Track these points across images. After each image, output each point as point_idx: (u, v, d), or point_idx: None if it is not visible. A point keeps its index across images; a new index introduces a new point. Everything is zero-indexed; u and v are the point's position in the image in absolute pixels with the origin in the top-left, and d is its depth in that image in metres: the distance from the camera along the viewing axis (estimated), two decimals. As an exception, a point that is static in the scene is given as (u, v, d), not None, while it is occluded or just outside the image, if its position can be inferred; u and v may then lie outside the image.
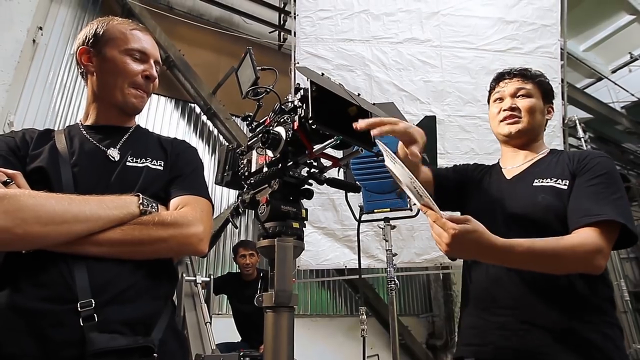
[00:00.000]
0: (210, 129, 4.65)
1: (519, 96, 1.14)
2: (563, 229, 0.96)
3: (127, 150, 0.95)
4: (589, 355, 0.86)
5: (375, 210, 2.24)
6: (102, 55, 0.95)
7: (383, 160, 2.49)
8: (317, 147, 1.00)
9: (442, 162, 4.04)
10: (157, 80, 1.02)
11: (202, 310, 1.74)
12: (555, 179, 1.02)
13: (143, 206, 0.81)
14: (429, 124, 2.54)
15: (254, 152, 1.15)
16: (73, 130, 0.97)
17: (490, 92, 1.23)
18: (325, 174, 1.09)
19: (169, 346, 0.79)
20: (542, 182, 1.04)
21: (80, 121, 1.01)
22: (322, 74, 1.03)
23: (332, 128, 0.98)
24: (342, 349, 4.39)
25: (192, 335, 1.69)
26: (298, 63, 3.88)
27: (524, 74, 1.16)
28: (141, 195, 0.83)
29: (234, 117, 4.54)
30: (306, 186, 1.10)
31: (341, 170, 2.69)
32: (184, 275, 1.99)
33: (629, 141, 8.47)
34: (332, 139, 0.98)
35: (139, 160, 0.93)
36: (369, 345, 4.69)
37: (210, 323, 1.68)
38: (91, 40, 0.95)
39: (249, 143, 1.23)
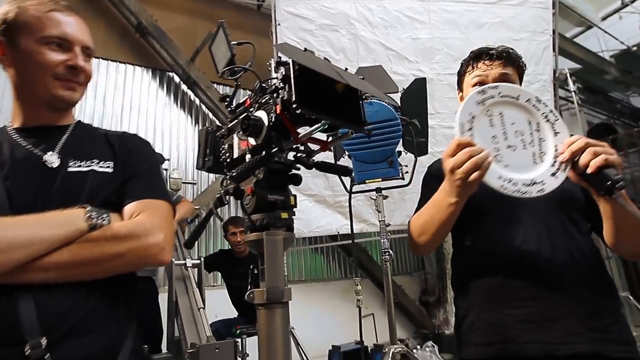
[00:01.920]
0: (192, 98, 4.45)
1: (502, 81, 1.00)
2: (575, 209, 0.96)
3: (68, 153, 0.82)
4: (612, 340, 0.84)
5: (367, 181, 2.18)
6: (15, 46, 0.79)
7: (372, 135, 2.35)
8: (303, 132, 0.92)
9: (433, 122, 3.96)
10: (89, 70, 0.86)
11: (195, 295, 1.70)
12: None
13: (91, 219, 0.71)
14: (419, 87, 2.43)
15: (235, 136, 1.06)
16: (0, 136, 0.83)
17: (463, 73, 1.11)
18: (313, 158, 1.02)
19: None
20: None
21: (8, 123, 0.86)
22: (305, 50, 0.93)
23: (318, 111, 0.89)
24: (338, 311, 4.49)
25: (185, 320, 1.66)
26: (279, 24, 3.66)
27: (507, 56, 1.05)
28: (88, 207, 0.73)
29: (215, 85, 4.34)
30: (294, 171, 1.03)
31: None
32: (173, 259, 1.94)
33: (616, 90, 8.43)
34: (319, 124, 0.89)
35: (82, 164, 0.81)
36: (363, 305, 4.82)
37: (204, 308, 1.65)
38: (2, 28, 0.80)
39: (229, 126, 1.14)
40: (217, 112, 4.32)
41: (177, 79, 4.39)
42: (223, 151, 1.12)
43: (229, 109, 1.20)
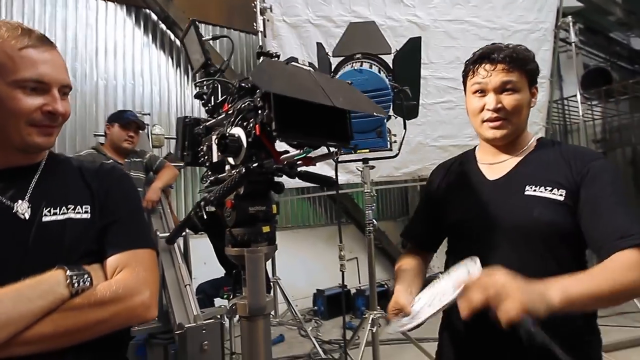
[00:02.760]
0: (172, 38, 4.14)
1: (504, 91, 0.93)
2: (566, 245, 0.89)
3: (40, 199, 0.75)
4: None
5: (356, 151, 2.14)
6: None
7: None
8: (284, 155, 0.87)
9: (425, 72, 3.81)
10: (68, 110, 0.78)
11: (181, 271, 1.72)
12: (550, 188, 0.89)
13: (73, 285, 0.67)
14: (413, 48, 2.30)
15: (214, 138, 1.00)
16: None
17: (466, 75, 1.00)
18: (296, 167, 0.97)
19: None
20: (535, 190, 0.90)
21: None
22: (288, 62, 0.84)
23: (300, 137, 0.83)
24: (324, 256, 4.66)
25: (173, 295, 1.70)
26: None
27: (511, 60, 0.93)
28: (67, 270, 0.68)
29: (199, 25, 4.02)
30: (276, 179, 0.99)
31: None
32: (158, 232, 1.93)
33: (618, 31, 8.13)
34: (302, 151, 0.84)
35: (58, 211, 0.75)
36: (348, 249, 5.02)
37: (191, 284, 1.69)
38: None
39: (207, 125, 1.08)
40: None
41: (154, 16, 4.04)
42: (202, 152, 1.07)
43: (206, 108, 1.13)
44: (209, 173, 1.07)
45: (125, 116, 2.43)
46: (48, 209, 0.75)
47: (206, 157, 1.05)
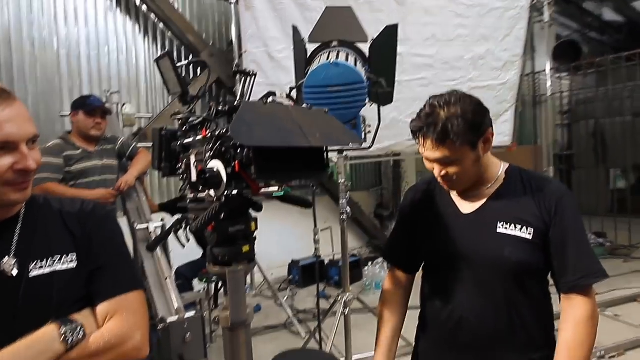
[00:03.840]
0: (137, 3, 3.91)
1: (445, 162, 0.95)
2: (534, 280, 0.98)
3: (25, 252, 0.76)
4: None
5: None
6: None
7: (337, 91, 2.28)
8: (263, 190, 0.91)
9: (402, 49, 3.79)
10: (39, 159, 0.77)
11: (161, 263, 1.77)
12: (519, 227, 0.95)
13: (67, 341, 0.70)
14: (389, 36, 2.29)
15: (193, 158, 1.03)
16: None
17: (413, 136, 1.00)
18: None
19: None
20: (505, 228, 0.96)
21: None
22: (265, 102, 0.86)
23: (278, 178, 0.88)
24: (299, 225, 4.73)
25: (154, 286, 1.75)
26: None
27: (439, 139, 0.91)
28: (60, 326, 0.71)
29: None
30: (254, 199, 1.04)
31: (293, 93, 2.48)
32: (136, 224, 1.95)
33: (591, 1, 8.21)
34: (279, 189, 0.89)
35: (44, 264, 0.76)
36: (322, 219, 5.14)
37: (171, 276, 1.74)
38: None
39: (184, 143, 1.10)
40: (170, 24, 3.87)
41: (117, -23, 3.78)
42: (180, 170, 1.10)
43: (184, 128, 1.14)
44: (187, 187, 1.10)
45: (89, 102, 2.32)
46: (34, 262, 0.76)
47: (184, 175, 1.08)
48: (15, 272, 0.74)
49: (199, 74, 4.14)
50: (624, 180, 6.87)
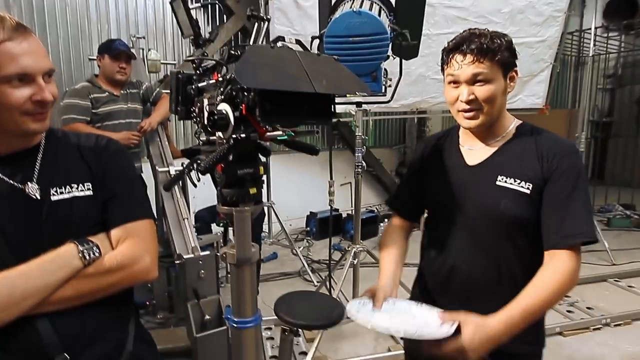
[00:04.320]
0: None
1: (476, 82, 0.96)
2: (525, 234, 0.99)
3: (47, 180, 0.83)
4: (517, 340, 0.94)
5: (348, 95, 2.16)
6: None
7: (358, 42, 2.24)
8: (269, 133, 0.94)
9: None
10: (55, 92, 0.81)
11: (179, 205, 1.87)
12: (518, 181, 0.97)
13: (85, 257, 0.78)
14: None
15: (205, 102, 1.06)
16: None
17: (443, 64, 1.02)
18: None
19: (139, 354, 0.90)
20: (505, 181, 0.98)
21: None
22: (273, 46, 0.87)
23: (283, 121, 0.90)
24: (318, 179, 4.81)
25: (173, 226, 1.86)
26: None
27: (479, 51, 0.93)
28: (78, 245, 0.79)
29: None
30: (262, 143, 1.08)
31: (315, 43, 2.47)
32: (157, 166, 2.03)
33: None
34: (283, 133, 0.91)
35: (64, 190, 0.83)
36: (342, 175, 5.20)
37: (189, 217, 1.84)
38: None
39: (199, 86, 1.12)
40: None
41: None
42: (194, 113, 1.14)
43: (197, 72, 1.16)
44: (202, 131, 1.14)
45: (114, 46, 2.35)
46: (55, 188, 0.83)
47: (198, 119, 1.12)
48: (38, 196, 0.82)
49: (225, 21, 4.08)
50: (664, 152, 6.51)
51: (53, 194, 0.83)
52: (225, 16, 4.08)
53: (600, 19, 6.70)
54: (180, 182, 2.00)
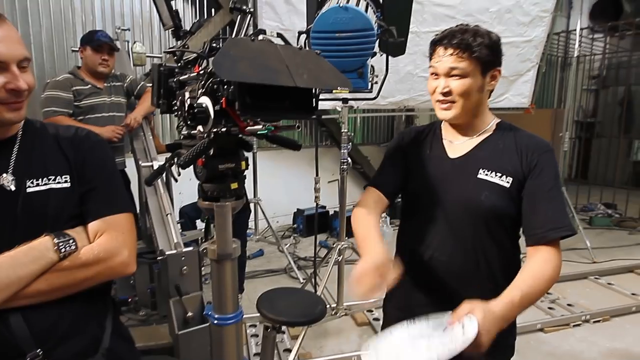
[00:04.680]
0: None
1: (452, 76, 0.98)
2: (503, 226, 1.01)
3: (22, 170, 0.80)
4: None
5: (334, 91, 2.15)
6: None
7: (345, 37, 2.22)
8: (249, 127, 0.93)
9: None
10: (31, 82, 0.78)
11: (162, 200, 1.84)
12: (499, 175, 0.99)
13: (60, 250, 0.76)
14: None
15: (187, 95, 1.05)
16: None
17: (429, 54, 1.05)
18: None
19: (116, 350, 0.87)
20: (486, 174, 1.00)
21: None
22: (253, 39, 0.85)
23: (263, 115, 0.89)
24: (305, 176, 4.80)
25: (155, 221, 1.84)
26: None
27: (459, 47, 0.96)
28: (54, 237, 0.77)
29: None
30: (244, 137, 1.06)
31: (301, 39, 2.45)
32: (140, 161, 2.00)
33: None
34: (263, 127, 0.90)
35: (40, 182, 0.81)
36: (330, 172, 5.20)
37: (172, 213, 1.81)
38: None
39: (180, 79, 1.10)
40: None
41: None
42: (175, 106, 1.12)
43: (179, 64, 1.14)
44: (183, 125, 1.12)
45: (97, 38, 2.29)
46: (31, 180, 0.81)
47: (179, 112, 1.10)
48: (13, 187, 0.79)
49: (213, 15, 4.04)
50: (645, 153, 6.65)
51: (29, 186, 0.80)
52: (213, 10, 4.04)
53: (586, 20, 6.82)
54: (164, 178, 1.97)
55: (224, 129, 0.91)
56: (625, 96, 6.61)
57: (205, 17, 4.02)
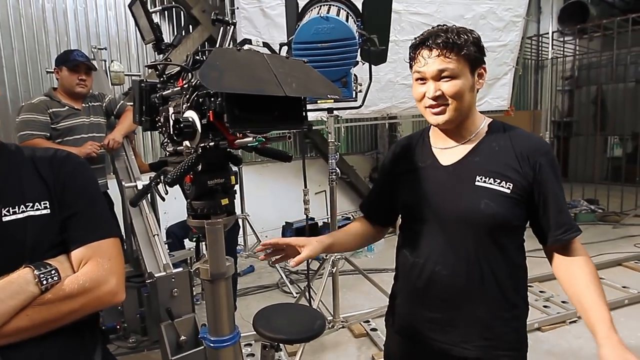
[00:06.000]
0: (125, -46, 3.71)
1: (443, 77, 0.93)
2: (506, 234, 0.98)
3: None
4: (498, 347, 0.99)
5: (319, 101, 2.14)
6: None
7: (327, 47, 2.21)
8: (238, 141, 0.89)
9: (399, 6, 3.67)
10: None
11: (148, 221, 1.78)
12: (498, 181, 0.94)
13: (41, 282, 0.70)
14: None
15: (171, 110, 1.01)
16: None
17: (410, 61, 1.00)
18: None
19: None
20: (484, 181, 0.95)
21: None
22: (239, 49, 0.83)
23: (252, 127, 0.86)
24: (292, 188, 4.77)
25: (142, 243, 1.77)
26: None
27: (445, 46, 0.91)
28: (34, 269, 0.71)
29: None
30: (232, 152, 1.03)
31: (283, 50, 2.43)
32: (123, 182, 1.94)
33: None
34: (253, 139, 0.87)
35: (17, 210, 0.75)
36: (317, 183, 5.18)
37: (159, 234, 1.75)
38: None
39: (163, 94, 1.07)
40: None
41: None
42: (159, 123, 1.08)
43: (161, 79, 1.11)
44: (168, 142, 1.08)
45: (72, 57, 2.23)
46: (7, 208, 0.75)
47: (164, 129, 1.06)
48: None
49: (192, 31, 4.01)
50: (621, 149, 6.85)
51: (5, 215, 0.74)
52: (190, 26, 4.01)
53: (555, 24, 7.05)
54: (149, 197, 1.91)
55: (212, 143, 0.87)
56: (598, 95, 6.82)
57: (183, 34, 3.99)
